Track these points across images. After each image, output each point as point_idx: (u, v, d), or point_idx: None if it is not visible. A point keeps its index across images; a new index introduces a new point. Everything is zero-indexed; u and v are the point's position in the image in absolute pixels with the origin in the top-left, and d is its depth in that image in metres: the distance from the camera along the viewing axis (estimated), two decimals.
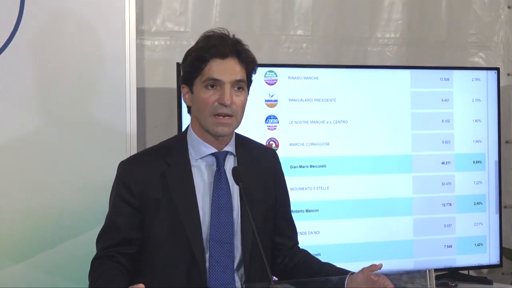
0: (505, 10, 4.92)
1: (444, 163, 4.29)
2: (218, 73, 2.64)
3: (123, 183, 2.72)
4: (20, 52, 3.42)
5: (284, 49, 4.39)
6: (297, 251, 2.91)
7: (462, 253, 4.31)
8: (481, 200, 4.36)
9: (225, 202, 2.71)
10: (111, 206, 2.75)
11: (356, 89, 4.12)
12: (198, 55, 2.67)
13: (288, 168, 3.92)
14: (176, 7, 4.17)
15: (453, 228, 4.30)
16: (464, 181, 4.32)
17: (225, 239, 2.69)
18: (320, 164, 4.06)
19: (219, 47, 2.66)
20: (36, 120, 3.45)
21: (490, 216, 4.38)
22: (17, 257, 3.41)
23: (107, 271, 2.65)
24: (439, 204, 4.28)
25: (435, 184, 4.27)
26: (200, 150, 2.73)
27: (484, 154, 4.37)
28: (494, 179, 4.39)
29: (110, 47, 3.57)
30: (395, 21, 4.66)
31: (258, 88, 3.69)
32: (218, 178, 2.72)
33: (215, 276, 2.67)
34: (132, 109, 3.61)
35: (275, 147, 3.96)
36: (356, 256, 4.08)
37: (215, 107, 2.64)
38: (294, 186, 3.94)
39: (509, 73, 4.92)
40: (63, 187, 3.48)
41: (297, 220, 3.75)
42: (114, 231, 2.70)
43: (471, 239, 4.34)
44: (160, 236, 2.68)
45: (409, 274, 2.68)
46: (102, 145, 3.53)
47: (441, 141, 4.29)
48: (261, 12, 4.35)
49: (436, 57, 4.73)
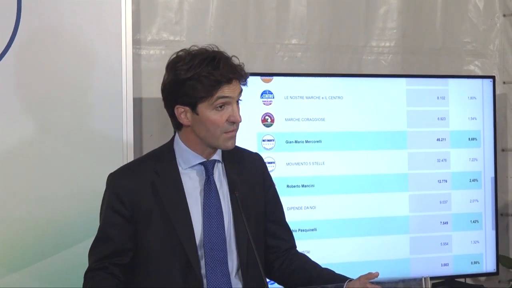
0: (500, 18, 4.93)
1: (441, 181, 4.32)
2: (228, 93, 2.66)
3: (114, 194, 2.72)
4: (16, 61, 3.43)
5: (278, 58, 4.40)
6: (295, 255, 2.91)
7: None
8: (477, 219, 4.38)
9: (216, 209, 2.72)
10: (103, 218, 2.75)
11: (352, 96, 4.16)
12: (210, 84, 2.63)
13: (284, 143, 3.98)
14: (172, 16, 4.18)
15: (450, 244, 4.32)
16: (460, 158, 4.35)
17: (218, 246, 2.70)
18: (316, 140, 4.07)
19: (229, 74, 2.65)
20: (32, 129, 3.46)
21: (487, 228, 4.39)
22: (13, 267, 3.41)
23: (100, 282, 2.65)
24: (434, 180, 4.29)
25: (430, 160, 4.29)
26: (188, 160, 2.75)
27: (480, 163, 4.39)
28: (490, 188, 4.40)
29: (106, 57, 3.58)
30: (390, 30, 4.67)
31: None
32: (208, 187, 2.73)
33: (212, 283, 2.68)
34: (128, 118, 3.62)
35: (271, 122, 3.97)
36: (351, 232, 4.11)
37: (227, 127, 2.67)
38: (290, 161, 4.00)
39: (505, 81, 4.92)
40: (60, 196, 3.48)
41: (293, 195, 3.86)
42: (106, 243, 2.71)
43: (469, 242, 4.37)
44: (154, 245, 2.69)
45: (405, 282, 2.69)
46: (99, 155, 3.54)
47: (436, 160, 4.31)
48: (255, 21, 4.35)
49: (431, 65, 4.74)
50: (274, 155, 3.99)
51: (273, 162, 3.98)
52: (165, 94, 2.72)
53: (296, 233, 3.86)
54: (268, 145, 3.99)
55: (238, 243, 2.73)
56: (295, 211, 3.97)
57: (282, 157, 4.00)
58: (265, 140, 3.99)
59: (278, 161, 4.00)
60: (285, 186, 3.98)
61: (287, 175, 3.99)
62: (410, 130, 4.24)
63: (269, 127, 4.00)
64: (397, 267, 4.18)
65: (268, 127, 3.99)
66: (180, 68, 2.66)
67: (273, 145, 4.00)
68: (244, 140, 3.08)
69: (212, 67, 2.64)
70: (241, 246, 2.72)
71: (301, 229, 4.00)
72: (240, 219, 2.68)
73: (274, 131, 3.98)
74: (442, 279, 4.33)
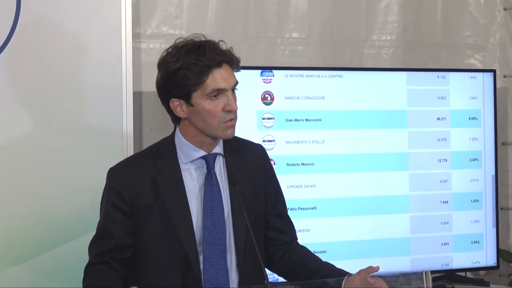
0: (501, 12, 4.92)
1: (441, 160, 4.31)
2: (221, 82, 2.65)
3: (114, 189, 2.73)
4: (15, 55, 3.42)
5: (279, 52, 4.39)
6: (296, 248, 2.91)
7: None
8: (477, 198, 4.37)
9: (217, 204, 2.72)
10: (103, 213, 2.76)
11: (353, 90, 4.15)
12: (199, 70, 2.65)
13: (283, 121, 3.99)
14: (172, 10, 4.18)
15: (450, 225, 4.31)
16: (461, 180, 4.34)
17: (217, 241, 2.70)
18: (316, 118, 4.07)
19: (217, 57, 2.66)
20: (31, 123, 3.45)
21: (487, 208, 4.39)
22: (13, 261, 3.41)
23: (101, 275, 2.66)
24: (434, 159, 4.28)
25: (431, 139, 4.29)
26: (190, 154, 2.74)
27: (481, 156, 4.38)
28: (491, 181, 4.40)
29: (106, 50, 3.57)
30: (391, 23, 4.66)
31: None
32: (209, 181, 2.73)
33: (210, 277, 2.68)
34: (128, 112, 3.62)
35: (270, 100, 3.97)
36: (352, 211, 4.11)
37: (223, 116, 2.66)
38: (290, 140, 3.99)
39: (506, 75, 4.92)
40: (60, 190, 3.48)
41: (293, 174, 3.86)
42: (107, 238, 2.71)
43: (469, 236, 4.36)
44: (153, 241, 2.69)
45: (405, 276, 2.69)
46: (98, 149, 3.54)
47: (436, 139, 4.30)
48: (256, 15, 4.35)
49: (432, 59, 4.74)
50: (274, 133, 3.99)
51: (273, 140, 3.98)
52: (160, 90, 2.73)
53: (296, 211, 3.94)
54: (268, 123, 3.98)
55: (237, 237, 2.72)
56: (295, 189, 3.98)
57: (282, 135, 4.00)
58: (265, 118, 3.98)
59: (278, 139, 3.99)
60: (285, 164, 3.99)
61: (287, 153, 3.99)
62: (412, 152, 4.23)
63: (269, 105, 3.99)
64: (397, 246, 4.18)
65: (268, 105, 3.99)
66: (169, 61, 2.68)
67: (273, 123, 3.99)
68: (243, 119, 3.09)
69: (199, 54, 2.65)
70: (240, 239, 2.72)
71: (301, 207, 3.99)
72: (239, 213, 2.67)
73: (274, 109, 3.97)
74: (443, 273, 4.33)
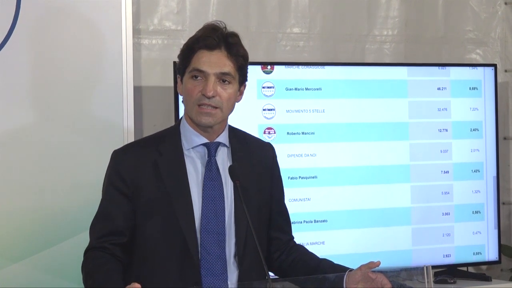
0: (502, 6, 4.92)
1: (442, 151, 4.31)
2: (203, 64, 2.65)
3: (116, 171, 2.72)
4: (17, 50, 3.42)
5: (281, 47, 4.39)
6: (294, 247, 2.90)
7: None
8: (479, 189, 4.38)
9: (217, 192, 2.70)
10: (104, 194, 2.75)
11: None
12: (188, 46, 2.69)
13: (283, 90, 4.00)
14: (173, 5, 4.18)
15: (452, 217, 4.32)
16: (462, 149, 4.35)
17: (216, 230, 2.68)
18: (316, 87, 4.07)
19: (208, 38, 2.66)
20: (33, 118, 3.45)
21: (489, 219, 4.39)
22: (15, 257, 3.40)
23: (101, 265, 2.62)
24: (436, 171, 4.30)
25: (432, 151, 4.30)
26: (191, 140, 2.73)
27: (482, 153, 4.38)
28: (492, 179, 4.40)
29: (107, 46, 3.57)
30: (393, 18, 4.66)
31: None
32: (209, 169, 2.71)
33: (207, 266, 2.66)
34: (129, 107, 3.61)
35: (270, 69, 3.99)
36: (354, 223, 4.11)
37: (199, 98, 2.65)
38: (290, 109, 4.01)
39: (507, 70, 4.92)
40: (61, 185, 3.47)
41: (294, 142, 3.91)
42: (106, 220, 2.69)
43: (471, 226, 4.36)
44: (153, 226, 2.67)
45: (407, 271, 2.67)
46: (99, 144, 3.53)
47: (437, 130, 4.30)
48: (257, 10, 4.35)
49: (433, 54, 4.73)
50: (274, 102, 3.99)
51: (273, 109, 3.98)
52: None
53: (296, 180, 3.96)
54: (268, 92, 3.98)
55: (238, 230, 2.71)
56: (295, 158, 3.99)
57: (282, 104, 4.00)
58: (265, 87, 3.98)
59: (278, 108, 3.99)
60: (285, 133, 3.99)
61: (287, 122, 4.00)
62: (412, 121, 4.22)
63: (269, 74, 3.99)
64: (399, 258, 4.17)
65: (268, 73, 3.99)
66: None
67: (273, 92, 3.99)
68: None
69: (197, 35, 2.69)
70: (240, 233, 2.70)
71: (301, 176, 4.00)
72: (241, 205, 2.63)
73: (274, 78, 3.97)
74: (444, 268, 4.33)
